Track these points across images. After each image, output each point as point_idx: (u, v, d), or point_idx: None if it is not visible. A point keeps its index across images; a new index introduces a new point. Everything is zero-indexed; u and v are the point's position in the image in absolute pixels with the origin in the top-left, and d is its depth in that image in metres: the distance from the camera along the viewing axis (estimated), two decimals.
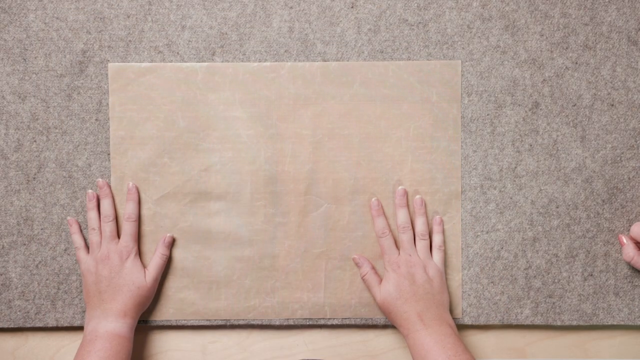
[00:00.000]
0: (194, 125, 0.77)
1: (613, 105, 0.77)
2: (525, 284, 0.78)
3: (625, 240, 0.76)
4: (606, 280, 0.78)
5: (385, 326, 0.79)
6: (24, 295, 0.77)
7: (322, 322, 0.78)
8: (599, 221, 0.78)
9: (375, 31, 0.77)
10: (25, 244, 0.77)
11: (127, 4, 0.76)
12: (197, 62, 0.77)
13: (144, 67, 0.76)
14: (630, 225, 0.77)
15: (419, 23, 0.77)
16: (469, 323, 0.78)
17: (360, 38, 0.77)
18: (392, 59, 0.77)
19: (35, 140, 0.77)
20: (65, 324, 0.77)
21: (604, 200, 0.77)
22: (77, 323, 0.77)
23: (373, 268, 0.76)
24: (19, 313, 0.77)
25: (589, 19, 0.77)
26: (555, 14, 0.77)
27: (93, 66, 0.76)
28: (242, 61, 0.77)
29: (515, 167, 0.77)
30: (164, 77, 0.76)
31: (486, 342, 0.79)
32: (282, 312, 0.78)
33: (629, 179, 0.77)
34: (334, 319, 0.78)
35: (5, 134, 0.77)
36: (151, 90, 0.77)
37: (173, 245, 0.77)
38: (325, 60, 0.77)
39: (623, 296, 0.78)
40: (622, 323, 0.78)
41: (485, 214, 0.78)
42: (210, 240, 0.77)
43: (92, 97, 0.77)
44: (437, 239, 0.77)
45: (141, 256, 0.76)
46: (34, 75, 0.76)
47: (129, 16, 0.76)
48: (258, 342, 0.79)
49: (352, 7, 0.77)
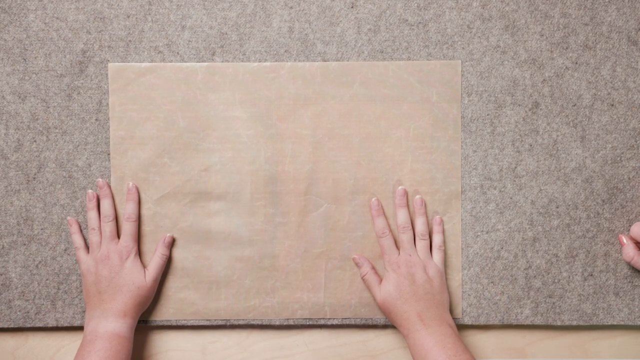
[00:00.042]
0: (194, 125, 0.77)
1: (613, 105, 0.77)
2: (525, 284, 0.78)
3: (625, 240, 0.76)
4: (606, 280, 0.78)
5: (385, 326, 0.79)
6: (24, 295, 0.77)
7: (322, 322, 0.78)
8: (599, 221, 0.78)
9: (375, 31, 0.77)
10: (25, 244, 0.77)
11: (127, 4, 0.76)
12: (197, 62, 0.77)
13: (144, 67, 0.76)
14: (630, 225, 0.77)
15: (419, 23, 0.77)
16: (469, 323, 0.78)
17: (360, 38, 0.77)
18: (392, 59, 0.77)
19: (35, 140, 0.77)
20: (65, 324, 0.77)
21: (604, 200, 0.77)
22: (77, 323, 0.77)
23: (373, 268, 0.76)
24: (19, 313, 0.77)
25: (589, 19, 0.77)
26: (555, 14, 0.77)
27: (93, 66, 0.76)
28: (242, 61, 0.77)
29: (515, 167, 0.77)
30: (164, 77, 0.76)
31: (486, 342, 0.79)
32: (282, 312, 0.78)
33: (629, 179, 0.77)
34: (334, 319, 0.78)
35: (5, 134, 0.77)
36: (151, 90, 0.77)
37: (173, 245, 0.77)
38: (325, 60, 0.77)
39: (623, 296, 0.78)
40: (622, 323, 0.78)
41: (485, 214, 0.78)
42: (210, 240, 0.77)
43: (92, 97, 0.77)
44: (437, 239, 0.77)
45: (141, 256, 0.76)
46: (34, 75, 0.76)
47: (129, 16, 0.76)
48: (258, 342, 0.79)
49: (352, 7, 0.77)
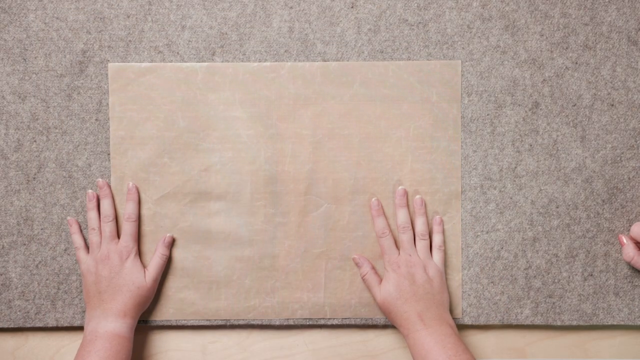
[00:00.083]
0: (194, 125, 0.77)
1: (613, 105, 0.77)
2: (525, 284, 0.78)
3: (625, 240, 0.76)
4: (606, 280, 0.78)
5: (385, 326, 0.79)
6: (24, 295, 0.77)
7: (322, 322, 0.78)
8: (599, 221, 0.78)
9: (375, 31, 0.77)
10: (25, 244, 0.77)
11: (127, 4, 0.76)
12: (197, 62, 0.77)
13: (144, 67, 0.76)
14: (630, 225, 0.77)
15: (419, 23, 0.77)
16: (469, 323, 0.78)
17: (360, 38, 0.77)
18: (392, 59, 0.77)
19: (35, 140, 0.77)
20: (65, 324, 0.77)
21: (604, 200, 0.77)
22: (77, 323, 0.77)
23: (373, 268, 0.76)
24: (19, 313, 0.77)
25: (589, 19, 0.77)
26: (555, 14, 0.77)
27: (93, 66, 0.76)
28: (242, 61, 0.77)
29: (515, 167, 0.77)
30: (164, 77, 0.76)
31: (486, 342, 0.79)
32: (282, 312, 0.78)
33: (629, 179, 0.77)
34: (334, 319, 0.78)
35: (5, 134, 0.77)
36: (151, 90, 0.77)
37: (173, 245, 0.77)
38: (325, 60, 0.77)
39: (623, 296, 0.78)
40: (622, 323, 0.78)
41: (485, 214, 0.78)
42: (210, 240, 0.77)
43: (92, 97, 0.77)
44: (437, 239, 0.77)
45: (141, 256, 0.76)
46: (34, 75, 0.76)
47: (129, 16, 0.76)
48: (258, 342, 0.79)
49: (352, 7, 0.77)
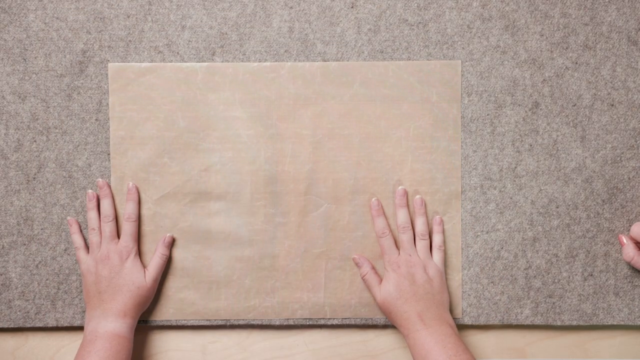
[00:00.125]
0: (194, 125, 0.77)
1: (613, 105, 0.77)
2: (525, 284, 0.78)
3: (625, 240, 0.76)
4: (606, 280, 0.78)
5: (385, 326, 0.79)
6: (24, 295, 0.77)
7: (322, 322, 0.78)
8: (599, 221, 0.78)
9: (375, 31, 0.77)
10: (25, 244, 0.77)
11: (127, 4, 0.76)
12: (197, 62, 0.77)
13: (144, 67, 0.76)
14: (630, 225, 0.77)
15: (419, 23, 0.77)
16: (469, 323, 0.78)
17: (360, 38, 0.77)
18: (392, 59, 0.77)
19: (35, 140, 0.77)
20: (65, 324, 0.77)
21: (604, 200, 0.77)
22: (77, 323, 0.77)
23: (373, 268, 0.76)
24: (19, 313, 0.77)
25: (589, 19, 0.77)
26: (555, 14, 0.77)
27: (93, 66, 0.77)
28: (242, 61, 0.77)
29: (515, 167, 0.77)
30: (164, 77, 0.76)
31: (486, 342, 0.79)
32: (282, 312, 0.78)
33: (629, 179, 0.77)
34: (334, 319, 0.78)
35: (5, 134, 0.77)
36: (151, 90, 0.77)
37: (173, 245, 0.77)
38: (325, 60, 0.77)
39: (623, 296, 0.78)
40: (622, 323, 0.78)
41: (485, 214, 0.78)
42: (210, 240, 0.77)
43: (92, 97, 0.77)
44: (437, 239, 0.77)
45: (141, 256, 0.76)
46: (34, 75, 0.76)
47: (129, 16, 0.76)
48: (258, 342, 0.79)
49: (352, 7, 0.77)
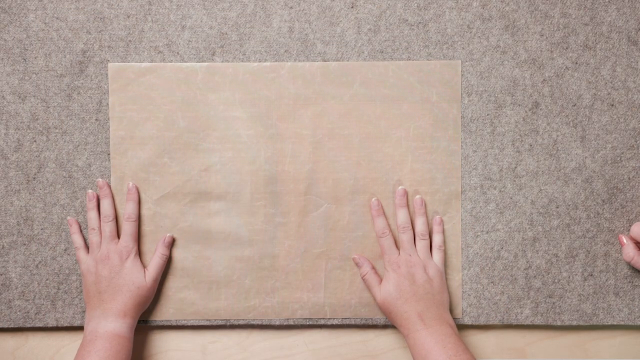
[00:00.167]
0: (194, 125, 0.77)
1: (613, 105, 0.77)
2: (525, 284, 0.78)
3: (625, 240, 0.76)
4: (606, 280, 0.78)
5: (385, 326, 0.79)
6: (24, 295, 0.77)
7: (322, 322, 0.78)
8: (599, 221, 0.78)
9: (375, 31, 0.77)
10: (25, 244, 0.77)
11: (127, 4, 0.76)
12: (197, 62, 0.77)
13: (144, 67, 0.76)
14: (630, 225, 0.77)
15: (419, 23, 0.77)
16: (469, 323, 0.78)
17: (360, 38, 0.77)
18: (392, 59, 0.77)
19: (35, 140, 0.77)
20: (65, 324, 0.77)
21: (604, 200, 0.77)
22: (77, 323, 0.77)
23: (373, 268, 0.76)
24: (19, 313, 0.77)
25: (589, 19, 0.77)
26: (555, 14, 0.77)
27: (93, 66, 0.77)
28: (242, 61, 0.77)
29: (515, 167, 0.77)
30: (164, 77, 0.76)
31: (486, 342, 0.79)
32: (282, 312, 0.78)
33: (629, 179, 0.77)
34: (334, 319, 0.78)
35: (5, 134, 0.77)
36: (151, 90, 0.77)
37: (173, 245, 0.77)
38: (325, 60, 0.77)
39: (623, 296, 0.78)
40: (622, 323, 0.78)
41: (485, 214, 0.78)
42: (210, 240, 0.77)
43: (92, 97, 0.77)
44: (437, 239, 0.77)
45: (141, 256, 0.76)
46: (34, 75, 0.76)
47: (129, 16, 0.76)
48: (258, 342, 0.79)
49: (352, 7, 0.77)
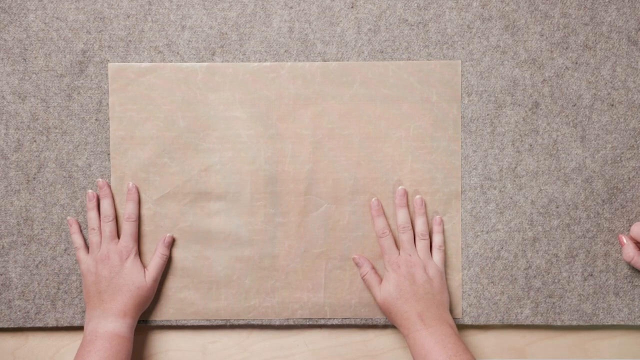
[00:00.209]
0: (194, 125, 0.77)
1: (613, 105, 0.77)
2: (525, 284, 0.78)
3: (625, 240, 0.76)
4: (606, 280, 0.78)
5: (385, 326, 0.79)
6: (24, 295, 0.77)
7: (322, 322, 0.78)
8: (599, 221, 0.78)
9: (375, 31, 0.77)
10: (25, 244, 0.77)
11: (127, 4, 0.76)
12: (197, 62, 0.77)
13: (144, 67, 0.76)
14: (630, 225, 0.77)
15: (419, 23, 0.77)
16: (469, 323, 0.78)
17: (360, 38, 0.77)
18: (392, 59, 0.77)
19: (35, 140, 0.77)
20: (65, 324, 0.77)
21: (604, 200, 0.77)
22: (77, 323, 0.77)
23: (373, 268, 0.76)
24: (19, 313, 0.77)
25: (589, 19, 0.77)
26: (555, 14, 0.77)
27: (93, 66, 0.77)
28: (242, 61, 0.77)
29: (515, 167, 0.77)
30: (164, 77, 0.76)
31: (486, 342, 0.79)
32: (282, 312, 0.78)
33: (629, 179, 0.77)
34: (334, 319, 0.78)
35: (5, 134, 0.77)
36: (151, 90, 0.77)
37: (173, 245, 0.77)
38: (325, 60, 0.77)
39: (623, 296, 0.78)
40: (622, 323, 0.78)
41: (485, 214, 0.78)
42: (210, 240, 0.77)
43: (92, 97, 0.77)
44: (437, 239, 0.77)
45: (141, 256, 0.76)
46: (34, 75, 0.76)
47: (129, 16, 0.76)
48: (258, 342, 0.79)
49: (352, 7, 0.77)
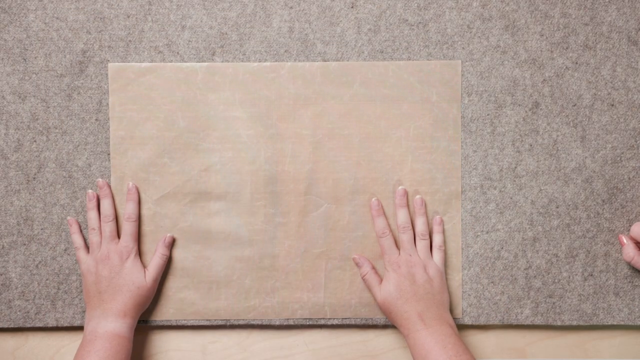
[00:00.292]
0: (194, 125, 0.77)
1: (613, 105, 0.77)
2: (525, 284, 0.78)
3: (625, 240, 0.76)
4: (606, 280, 0.78)
5: (385, 326, 0.79)
6: (24, 295, 0.77)
7: (322, 322, 0.78)
8: (599, 221, 0.78)
9: (375, 31, 0.77)
10: (25, 244, 0.77)
11: (127, 4, 0.76)
12: (197, 62, 0.77)
13: (144, 67, 0.76)
14: (630, 225, 0.77)
15: (419, 23, 0.77)
16: (469, 323, 0.78)
17: (360, 38, 0.77)
18: (392, 59, 0.77)
19: (35, 140, 0.77)
20: (65, 324, 0.77)
21: (604, 200, 0.77)
22: (77, 323, 0.77)
23: (373, 268, 0.76)
24: (19, 313, 0.77)
25: (589, 19, 0.77)
26: (555, 14, 0.77)
27: (93, 66, 0.77)
28: (242, 61, 0.77)
29: (515, 167, 0.77)
30: (164, 77, 0.77)
31: (486, 342, 0.79)
32: (282, 312, 0.78)
33: (629, 179, 0.77)
34: (334, 319, 0.78)
35: (5, 134, 0.77)
36: (151, 90, 0.77)
37: (173, 245, 0.77)
38: (325, 60, 0.77)
39: (623, 296, 0.78)
40: (622, 323, 0.78)
41: (485, 214, 0.78)
42: (210, 240, 0.77)
43: (92, 97, 0.77)
44: (437, 239, 0.77)
45: (141, 256, 0.76)
46: (34, 75, 0.76)
47: (129, 16, 0.76)
48: (258, 342, 0.79)
49: (352, 7, 0.77)
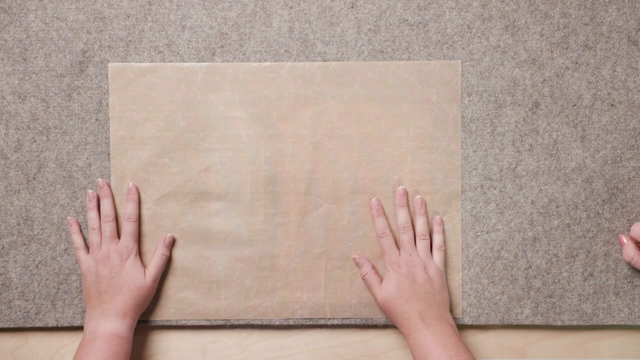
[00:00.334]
0: (194, 125, 0.77)
1: (613, 105, 0.77)
2: (525, 284, 0.78)
3: (625, 240, 0.76)
4: (606, 280, 0.78)
5: (385, 326, 0.79)
6: (24, 295, 0.77)
7: (322, 322, 0.78)
8: (599, 221, 0.78)
9: (375, 31, 0.77)
10: (25, 244, 0.77)
11: (127, 4, 0.76)
12: (197, 62, 0.77)
13: (144, 67, 0.76)
14: (630, 225, 0.77)
15: (419, 23, 0.77)
16: (469, 323, 0.78)
17: (360, 38, 0.77)
18: (392, 59, 0.77)
19: (35, 140, 0.77)
20: (65, 324, 0.77)
21: (604, 200, 0.77)
22: (77, 323, 0.77)
23: (373, 268, 0.76)
24: (19, 313, 0.77)
25: (589, 19, 0.77)
26: (555, 14, 0.77)
27: (93, 66, 0.77)
28: (242, 61, 0.77)
29: (515, 167, 0.77)
30: (164, 77, 0.77)
31: (486, 342, 0.79)
32: (282, 312, 0.78)
33: (629, 179, 0.77)
34: (334, 319, 0.78)
35: (5, 134, 0.77)
36: (151, 90, 0.77)
37: (173, 245, 0.77)
38: (325, 60, 0.77)
39: (623, 296, 0.78)
40: (622, 323, 0.78)
41: (485, 214, 0.78)
42: (210, 240, 0.77)
43: (92, 97, 0.77)
44: (438, 239, 0.77)
45: (141, 256, 0.76)
46: (34, 75, 0.76)
47: (129, 16, 0.76)
48: (258, 342, 0.79)
49: (352, 7, 0.77)
